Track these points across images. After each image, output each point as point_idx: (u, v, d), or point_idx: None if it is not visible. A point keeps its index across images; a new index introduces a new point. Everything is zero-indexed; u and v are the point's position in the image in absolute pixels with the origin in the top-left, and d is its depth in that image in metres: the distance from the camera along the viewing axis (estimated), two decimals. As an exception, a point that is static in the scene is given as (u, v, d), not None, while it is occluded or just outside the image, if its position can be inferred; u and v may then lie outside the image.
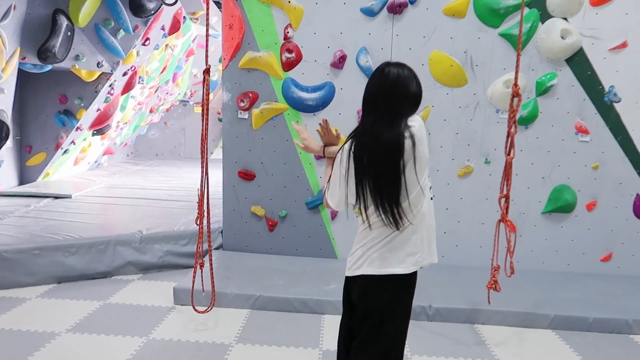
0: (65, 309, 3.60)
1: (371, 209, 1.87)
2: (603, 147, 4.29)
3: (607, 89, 4.20)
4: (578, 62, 4.18)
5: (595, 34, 4.13)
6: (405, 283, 1.94)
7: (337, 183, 1.92)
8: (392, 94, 1.81)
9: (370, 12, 4.21)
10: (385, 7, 4.19)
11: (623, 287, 4.10)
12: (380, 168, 1.80)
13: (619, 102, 4.21)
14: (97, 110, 6.85)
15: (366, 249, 1.92)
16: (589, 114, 4.25)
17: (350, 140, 1.90)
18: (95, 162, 8.72)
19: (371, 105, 1.85)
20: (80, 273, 4.12)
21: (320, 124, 2.23)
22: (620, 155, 4.29)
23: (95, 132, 7.27)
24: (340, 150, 1.93)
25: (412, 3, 4.18)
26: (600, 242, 4.42)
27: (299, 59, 4.34)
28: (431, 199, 1.97)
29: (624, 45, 4.13)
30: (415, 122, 1.84)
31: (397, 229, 1.84)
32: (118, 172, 8.53)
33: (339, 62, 4.29)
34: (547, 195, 4.38)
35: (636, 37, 4.12)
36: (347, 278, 2.04)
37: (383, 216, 1.83)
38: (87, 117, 6.69)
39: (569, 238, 4.43)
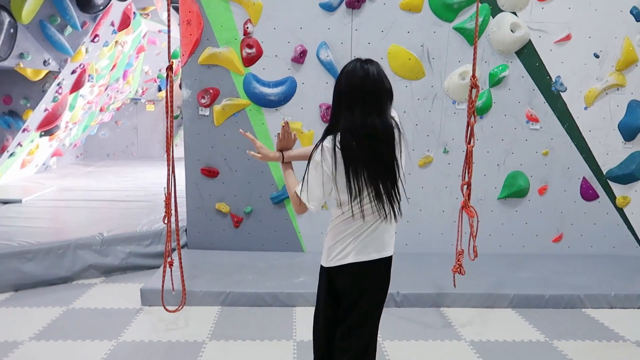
0: (26, 316, 3.46)
1: (364, 200, 1.89)
2: (552, 134, 4.54)
3: (554, 79, 4.45)
4: (527, 54, 4.40)
5: (542, 27, 4.36)
6: (390, 265, 2.05)
7: (317, 184, 1.90)
8: (377, 89, 1.87)
9: (329, 7, 4.26)
10: (344, 2, 4.25)
11: (574, 265, 4.38)
12: (380, 157, 1.85)
13: (565, 91, 4.46)
14: (45, 111, 6.56)
15: (353, 237, 1.95)
16: (538, 103, 4.49)
17: (328, 138, 1.89)
18: (44, 164, 8.35)
19: (354, 101, 1.84)
20: (39, 279, 3.97)
21: (282, 125, 2.22)
22: (567, 141, 4.55)
23: (43, 133, 6.97)
24: (318, 151, 1.89)
25: (369, -2, 4.26)
26: (551, 224, 4.69)
27: (259, 54, 4.33)
28: None
29: (568, 37, 4.38)
30: (394, 114, 1.98)
31: (393, 213, 1.91)
32: (68, 174, 8.21)
33: (300, 57, 4.32)
34: (502, 181, 4.60)
35: (578, 30, 4.38)
36: (327, 269, 2.06)
37: (380, 203, 1.87)
38: (34, 117, 6.39)
39: (523, 221, 4.67)
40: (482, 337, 3.26)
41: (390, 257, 2.03)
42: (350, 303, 2.01)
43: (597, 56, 4.42)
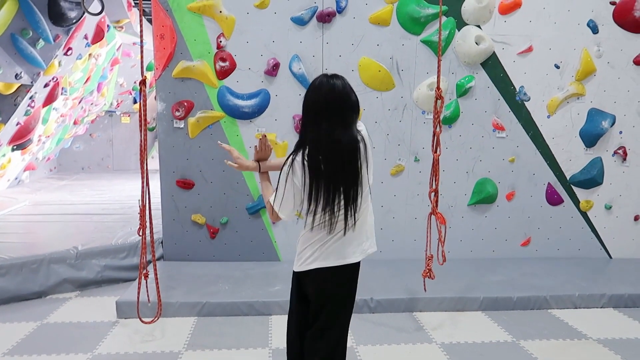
0: (-1, 333, 3.44)
1: (331, 210, 1.98)
2: (517, 142, 4.71)
3: (517, 89, 4.63)
4: (492, 65, 4.57)
5: (505, 40, 4.54)
6: (356, 271, 2.14)
7: (288, 196, 1.99)
8: (342, 103, 1.96)
9: (300, 21, 4.37)
10: (315, 16, 4.37)
11: (541, 268, 4.54)
12: (343, 170, 1.94)
13: (528, 100, 4.65)
14: (17, 124, 6.49)
15: (320, 244, 2.04)
16: (503, 112, 4.66)
17: (298, 151, 1.99)
18: (16, 179, 8.22)
19: (321, 115, 1.94)
20: (12, 294, 3.93)
21: (260, 139, 2.33)
22: (532, 148, 4.73)
23: (15, 147, 6.89)
24: (288, 164, 1.99)
25: (339, 12, 4.39)
26: (519, 228, 4.85)
27: (233, 67, 4.41)
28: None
29: (529, 49, 4.57)
30: (362, 127, 2.05)
31: (354, 223, 2.00)
32: (42, 188, 8.10)
33: (273, 70, 4.41)
34: (472, 188, 4.75)
35: (539, 42, 4.58)
36: (297, 274, 2.16)
37: (346, 214, 1.97)
38: (5, 131, 6.32)
39: (492, 227, 4.82)
40: (452, 339, 3.36)
41: (356, 263, 2.10)
42: (318, 306, 2.09)
43: (557, 67, 4.63)
